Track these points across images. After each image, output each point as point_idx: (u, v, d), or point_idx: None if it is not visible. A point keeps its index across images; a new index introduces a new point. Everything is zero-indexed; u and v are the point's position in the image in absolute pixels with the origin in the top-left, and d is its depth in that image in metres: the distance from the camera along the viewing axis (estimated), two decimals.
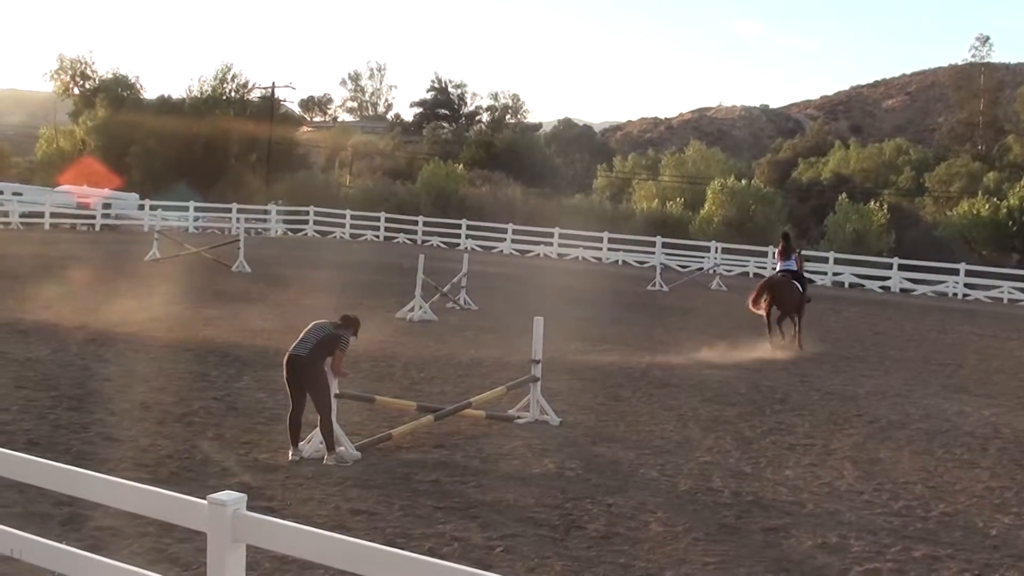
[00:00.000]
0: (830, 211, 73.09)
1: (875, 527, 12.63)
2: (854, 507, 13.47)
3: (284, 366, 14.28)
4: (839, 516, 13.02)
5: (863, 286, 58.60)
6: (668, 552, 11.32)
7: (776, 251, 30.91)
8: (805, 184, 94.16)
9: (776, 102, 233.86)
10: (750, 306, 29.20)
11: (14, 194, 65.92)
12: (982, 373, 26.77)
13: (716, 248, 61.78)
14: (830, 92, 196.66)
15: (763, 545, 11.77)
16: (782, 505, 13.39)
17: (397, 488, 13.15)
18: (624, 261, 64.15)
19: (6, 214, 61.53)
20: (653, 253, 60.40)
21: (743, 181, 79.16)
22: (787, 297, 28.85)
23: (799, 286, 29.23)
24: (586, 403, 19.35)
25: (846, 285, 58.29)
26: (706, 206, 75.96)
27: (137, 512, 7.74)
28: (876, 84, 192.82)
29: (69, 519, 10.90)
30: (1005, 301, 56.62)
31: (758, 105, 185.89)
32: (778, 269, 30.30)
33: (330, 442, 14.08)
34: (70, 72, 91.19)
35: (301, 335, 14.30)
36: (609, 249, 65.32)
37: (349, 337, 14.50)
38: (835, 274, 59.51)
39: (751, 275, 60.09)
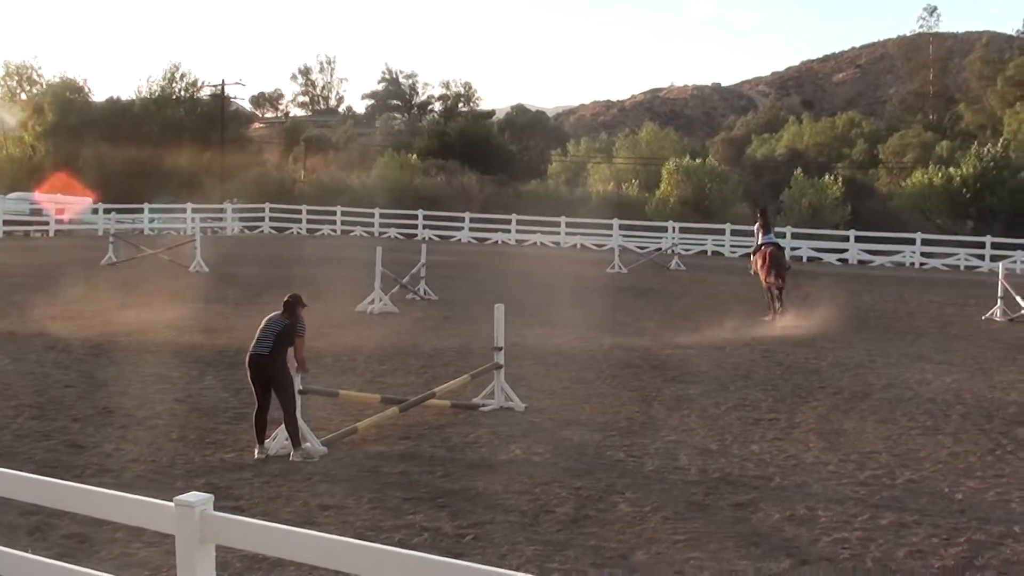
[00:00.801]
0: (785, 186, 73.26)
1: (842, 497, 12.72)
2: (821, 478, 13.58)
3: (247, 366, 14.22)
4: (806, 488, 13.12)
5: (821, 260, 58.91)
6: (638, 532, 11.37)
7: (757, 226, 31.89)
8: (760, 160, 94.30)
9: (728, 80, 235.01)
10: (771, 279, 30.22)
11: None
12: (942, 340, 26.98)
13: (673, 228, 61.87)
14: (781, 68, 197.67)
15: (732, 520, 11.84)
16: (749, 480, 13.47)
17: (365, 481, 13.14)
18: (582, 245, 64.23)
19: None
20: (611, 236, 60.56)
21: (698, 160, 79.22)
22: (784, 267, 30.85)
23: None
24: (550, 388, 19.38)
25: (804, 259, 58.48)
26: (662, 187, 75.96)
27: (104, 518, 7.71)
28: (826, 58, 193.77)
29: (36, 528, 10.84)
30: (962, 268, 57.14)
31: (710, 84, 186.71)
32: (760, 242, 31.21)
33: (296, 439, 14.05)
34: (16, 78, 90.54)
35: (257, 334, 14.25)
36: (567, 233, 65.34)
37: (302, 319, 14.48)
38: (793, 248, 59.58)
39: (709, 253, 60.33)
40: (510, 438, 15.52)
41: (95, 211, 66.65)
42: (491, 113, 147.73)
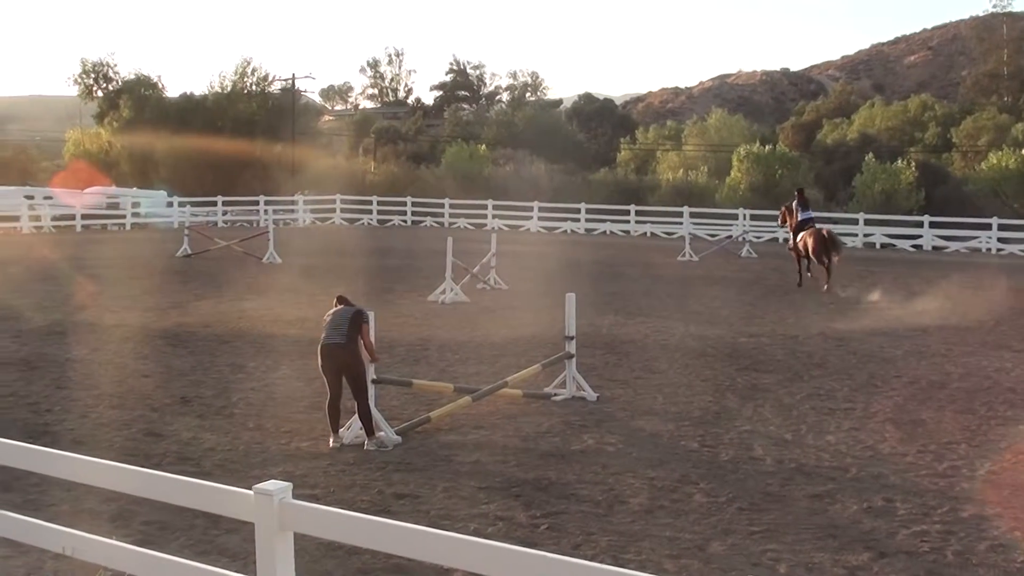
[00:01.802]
0: (857, 172, 72.41)
1: (921, 489, 12.59)
2: (898, 469, 13.42)
3: (320, 355, 14.34)
4: (884, 479, 12.98)
5: (894, 246, 58.12)
6: (713, 523, 11.33)
7: (795, 204, 35.56)
8: (830, 146, 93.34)
9: (797, 65, 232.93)
10: (823, 257, 33.36)
11: (45, 198, 66.23)
12: (1021, 328, 26.58)
13: (744, 215, 61.50)
14: (851, 51, 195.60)
15: (808, 512, 11.75)
16: (825, 471, 13.36)
17: (439, 470, 13.21)
18: (652, 233, 63.99)
19: (38, 218, 61.80)
20: (681, 224, 60.33)
21: (767, 146, 78.65)
22: (839, 246, 34.02)
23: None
24: (622, 377, 19.35)
25: (877, 246, 57.88)
26: (732, 173, 75.54)
27: (185, 505, 7.80)
28: (897, 40, 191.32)
29: (118, 515, 11.00)
30: None
31: (779, 69, 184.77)
32: (802, 218, 34.71)
33: (369, 427, 14.16)
34: (93, 75, 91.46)
35: (328, 324, 14.36)
36: (636, 222, 65.14)
37: (361, 308, 14.63)
38: (866, 235, 59.03)
39: (780, 240, 59.82)
40: (582, 428, 15.52)
41: (169, 204, 67.32)
42: (559, 102, 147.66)
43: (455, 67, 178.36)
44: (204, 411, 16.35)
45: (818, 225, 34.86)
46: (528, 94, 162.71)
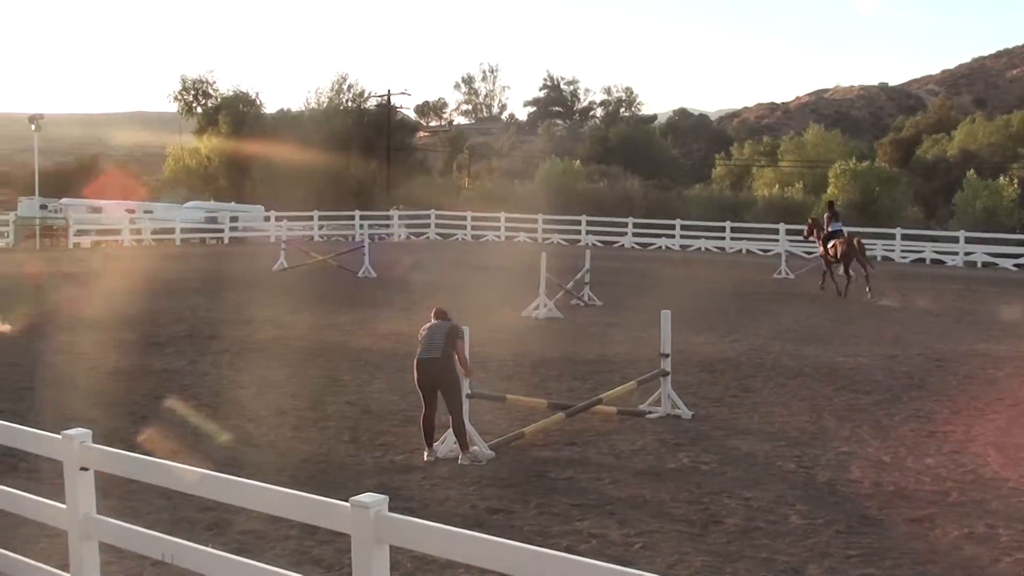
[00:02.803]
0: (958, 188, 71.51)
1: None
2: (1001, 495, 13.12)
3: (416, 370, 14.41)
4: (985, 505, 12.71)
5: (996, 265, 57.04)
6: (810, 545, 11.20)
7: (827, 217, 38.98)
8: (930, 162, 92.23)
9: (895, 79, 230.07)
10: (852, 261, 36.77)
11: (145, 212, 67.36)
12: None
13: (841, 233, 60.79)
14: (951, 65, 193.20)
15: (907, 536, 11.56)
16: (925, 495, 13.12)
17: (532, 486, 13.20)
18: (748, 250, 63.46)
19: (139, 231, 62.86)
20: (777, 241, 59.78)
21: (865, 163, 77.87)
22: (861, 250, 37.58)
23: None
24: (717, 395, 19.22)
25: (978, 265, 56.90)
26: (828, 190, 74.87)
27: (282, 515, 7.87)
28: (999, 54, 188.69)
29: (215, 524, 11.13)
30: None
31: (877, 84, 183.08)
32: (832, 230, 38.13)
33: (463, 442, 14.19)
34: (192, 92, 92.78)
35: (425, 339, 14.40)
36: (732, 239, 64.71)
37: (456, 323, 14.62)
38: (967, 254, 58.10)
39: (878, 258, 59.07)
40: (677, 446, 15.43)
41: (266, 218, 68.09)
42: (653, 117, 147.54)
43: (549, 83, 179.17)
44: (299, 423, 16.49)
45: (847, 231, 38.55)
46: (622, 109, 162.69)
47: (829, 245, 37.77)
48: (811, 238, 41.46)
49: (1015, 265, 56.42)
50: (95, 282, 34.43)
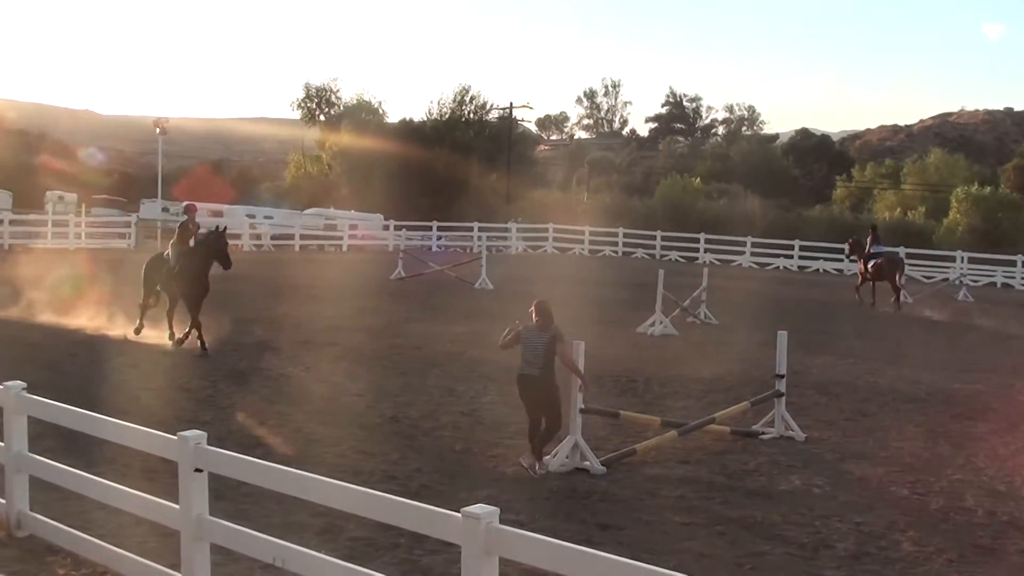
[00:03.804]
0: None
1: None
2: None
3: (517, 385, 14.48)
4: None
5: None
6: (921, 573, 11.05)
7: (869, 239, 42.19)
8: None
9: (1021, 104, 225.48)
10: (893, 276, 40.66)
11: (265, 217, 68.35)
12: None
13: (962, 258, 59.88)
14: None
15: (1021, 567, 11.38)
16: None
17: (642, 503, 13.16)
18: None
19: (259, 237, 63.78)
20: None
21: (988, 188, 76.62)
22: (900, 269, 41.91)
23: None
24: (832, 418, 19.01)
25: None
26: (950, 215, 73.80)
27: (393, 524, 7.94)
28: None
29: (325, 529, 11.24)
30: None
31: (1002, 108, 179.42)
32: (874, 251, 41.55)
33: (540, 452, 14.24)
34: (316, 100, 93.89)
35: (524, 349, 14.35)
36: (851, 261, 63.89)
37: (556, 326, 14.38)
38: None
39: (999, 285, 58.09)
40: (789, 468, 15.30)
41: (386, 227, 68.69)
42: (775, 137, 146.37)
43: (671, 99, 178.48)
44: (412, 432, 16.61)
45: (887, 250, 43.43)
46: (744, 128, 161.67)
47: (871, 264, 41.37)
48: (852, 256, 45.27)
49: None
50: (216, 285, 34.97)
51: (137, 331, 24.61)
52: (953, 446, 17.20)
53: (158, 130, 65.77)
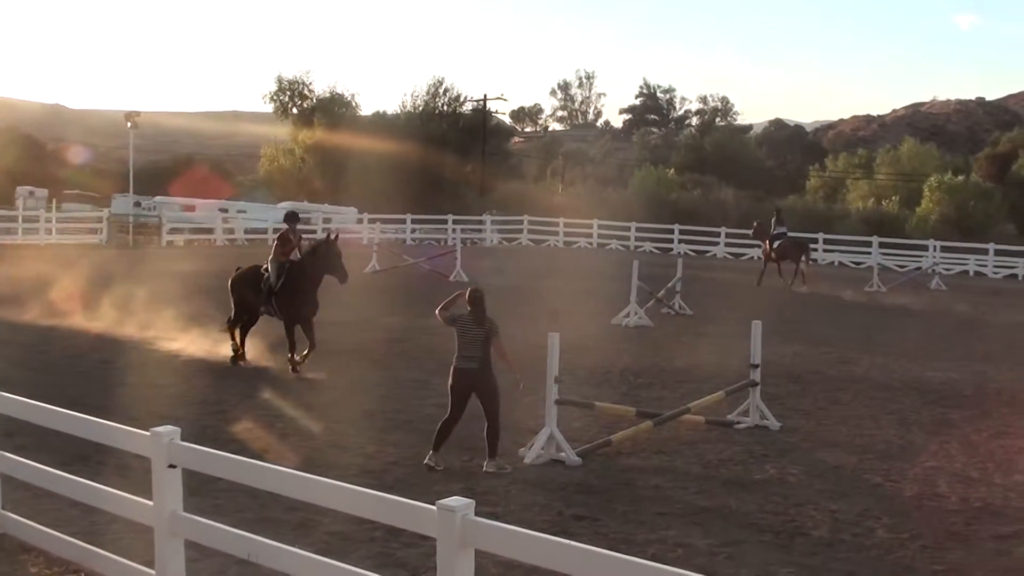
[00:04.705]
0: None
1: None
2: None
3: (452, 376, 14.23)
4: None
5: None
6: (895, 560, 11.11)
7: (772, 221, 44.76)
8: None
9: (992, 94, 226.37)
10: (797, 257, 42.92)
11: (239, 211, 68.14)
12: None
13: (935, 247, 60.13)
14: None
15: (994, 553, 11.44)
16: (1013, 511, 12.98)
17: (619, 494, 13.19)
18: (840, 262, 62.87)
19: (232, 231, 63.58)
20: (869, 253, 59.16)
21: (960, 177, 76.99)
22: (805, 251, 44.42)
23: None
24: (806, 407, 19.09)
25: None
26: (923, 204, 74.11)
27: (369, 518, 7.93)
28: None
29: (300, 524, 11.22)
30: None
31: (974, 98, 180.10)
32: (778, 232, 43.87)
33: (494, 449, 14.08)
34: (288, 93, 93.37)
35: (460, 340, 14.11)
36: (824, 250, 64.15)
37: (491, 319, 14.13)
38: None
39: (971, 274, 58.36)
40: (764, 457, 15.35)
41: (359, 220, 68.57)
42: (748, 128, 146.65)
43: (645, 91, 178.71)
44: (388, 425, 16.60)
45: (791, 235, 45.37)
46: (718, 119, 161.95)
47: (775, 245, 43.69)
48: (756, 239, 48.56)
49: None
50: (192, 280, 34.82)
51: (237, 357, 21.63)
52: (926, 433, 17.30)
53: (129, 124, 65.45)
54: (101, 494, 9.80)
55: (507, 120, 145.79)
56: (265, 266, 21.89)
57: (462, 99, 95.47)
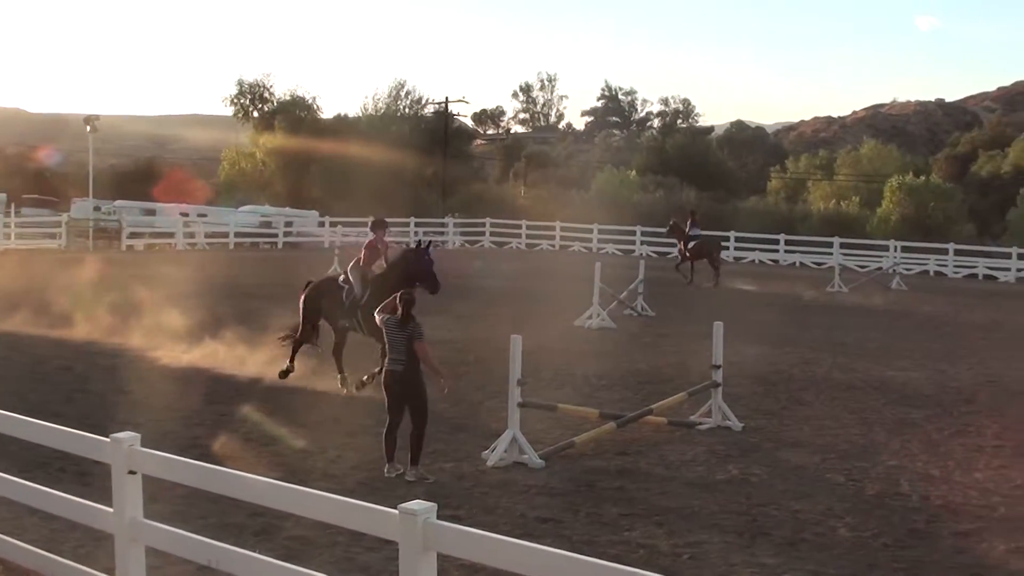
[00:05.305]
0: (1012, 205, 71.06)
1: None
2: None
3: (384, 378, 14.15)
4: None
5: None
6: (857, 558, 11.16)
7: (689, 222, 47.25)
8: (985, 178, 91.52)
9: (952, 95, 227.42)
10: (712, 259, 45.50)
11: (199, 216, 67.77)
12: None
13: (895, 247, 60.43)
14: (1008, 82, 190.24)
15: (954, 551, 11.51)
16: (973, 509, 13.07)
17: (582, 496, 13.19)
18: (801, 263, 63.12)
19: (192, 235, 63.26)
20: (831, 254, 59.43)
21: (921, 178, 77.48)
22: (717, 250, 47.21)
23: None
24: (768, 407, 19.15)
25: None
26: (883, 204, 74.53)
27: (331, 522, 7.89)
28: None
29: (262, 529, 11.18)
30: None
31: (933, 99, 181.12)
32: (692, 234, 46.50)
33: (417, 455, 13.88)
34: (249, 96, 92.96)
35: (388, 348, 14.03)
36: (786, 251, 64.41)
37: (415, 321, 13.95)
38: (1019, 270, 57.59)
39: (932, 273, 58.70)
40: (727, 458, 15.39)
41: (321, 224, 68.38)
42: (710, 129, 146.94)
43: (607, 93, 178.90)
44: (351, 429, 16.55)
45: (704, 234, 48.50)
46: (679, 121, 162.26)
47: (690, 245, 46.01)
48: (672, 237, 50.15)
49: None
50: (149, 285, 34.62)
51: (285, 373, 20.27)
52: (888, 432, 17.41)
53: (88, 128, 65.01)
54: (61, 501, 9.71)
55: (469, 122, 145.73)
56: (344, 276, 20.80)
57: (424, 101, 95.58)
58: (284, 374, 20.24)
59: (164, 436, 15.11)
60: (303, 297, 21.00)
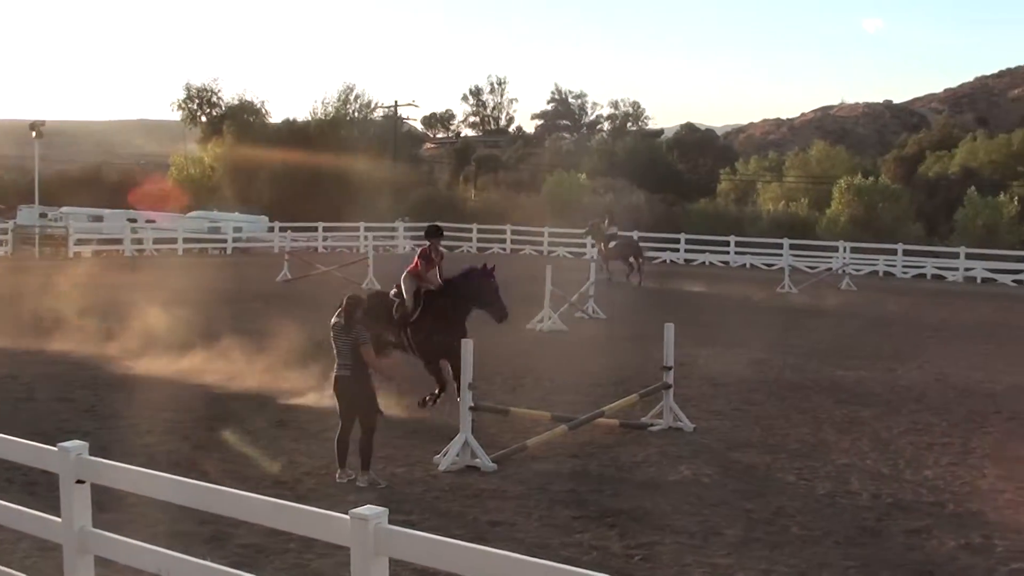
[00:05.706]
0: (959, 205, 71.69)
1: (1020, 526, 12.39)
2: (997, 506, 13.23)
3: (334, 385, 14.11)
4: (982, 516, 12.80)
5: (995, 281, 57.16)
6: (808, 556, 11.23)
7: (607, 222, 48.79)
8: (932, 179, 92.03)
9: (899, 97, 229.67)
10: (633, 258, 46.75)
11: (147, 222, 67.27)
12: None
13: (844, 248, 60.81)
14: (954, 84, 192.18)
15: (905, 547, 11.61)
16: (923, 506, 13.20)
17: (534, 499, 13.20)
18: (752, 264, 63.45)
19: (140, 241, 62.76)
20: (781, 255, 59.77)
21: (869, 179, 78.00)
22: (636, 250, 48.05)
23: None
24: (719, 408, 19.24)
25: (978, 280, 57.03)
26: (832, 205, 75.01)
27: (282, 529, 7.85)
28: (1002, 74, 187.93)
29: (213, 537, 11.11)
30: None
31: (881, 101, 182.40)
32: (611, 232, 48.29)
33: (367, 462, 13.80)
34: (197, 100, 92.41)
35: (336, 353, 14.01)
36: (736, 253, 64.70)
37: (359, 326, 13.86)
38: (967, 269, 58.18)
39: (881, 274, 59.14)
40: (679, 458, 15.44)
41: (270, 229, 68.08)
42: (660, 132, 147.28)
43: (557, 96, 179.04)
44: (300, 435, 16.47)
45: (622, 234, 50.43)
46: (629, 124, 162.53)
47: (610, 245, 47.55)
48: (591, 239, 51.95)
49: (1014, 281, 56.63)
50: (94, 293, 34.38)
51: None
52: (838, 431, 17.54)
53: (34, 133, 64.40)
54: (7, 512, 9.61)
55: (419, 126, 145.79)
56: (395, 291, 18.97)
57: (373, 105, 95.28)
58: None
59: (112, 444, 15.02)
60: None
